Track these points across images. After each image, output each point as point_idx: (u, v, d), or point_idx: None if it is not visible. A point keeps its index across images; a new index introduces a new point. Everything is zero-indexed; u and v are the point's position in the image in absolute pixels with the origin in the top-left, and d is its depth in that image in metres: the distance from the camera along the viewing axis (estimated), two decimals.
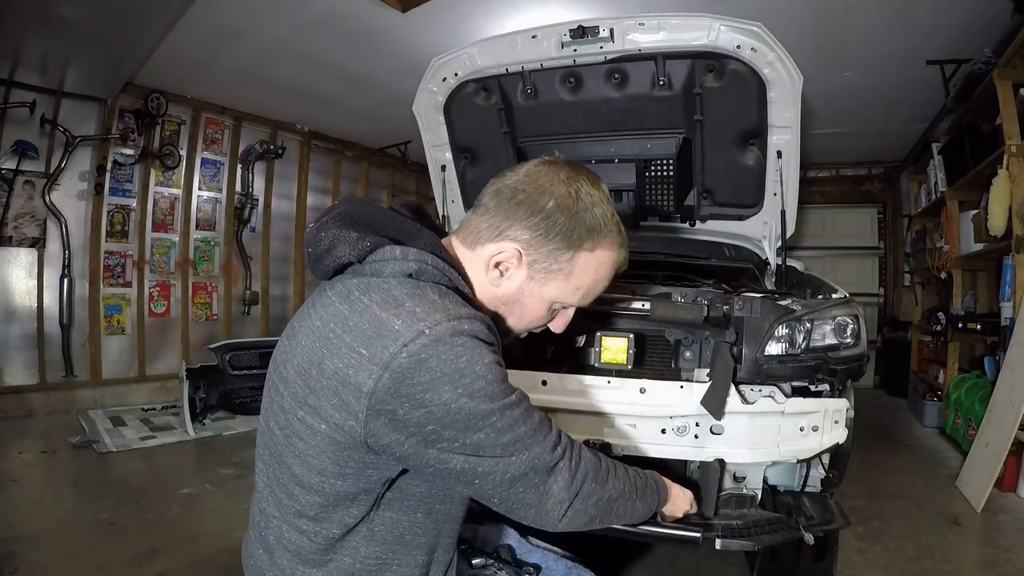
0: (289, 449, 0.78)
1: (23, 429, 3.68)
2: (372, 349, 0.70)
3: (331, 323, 0.74)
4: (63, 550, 2.15)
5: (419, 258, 0.77)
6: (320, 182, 6.01)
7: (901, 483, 3.07)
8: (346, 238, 0.78)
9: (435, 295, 0.75)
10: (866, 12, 3.11)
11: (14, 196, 3.97)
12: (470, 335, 0.73)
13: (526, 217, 0.83)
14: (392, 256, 0.77)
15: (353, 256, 0.77)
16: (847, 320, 1.63)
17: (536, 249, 0.85)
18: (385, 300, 0.73)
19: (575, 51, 2.09)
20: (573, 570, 1.14)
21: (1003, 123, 3.16)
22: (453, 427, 0.71)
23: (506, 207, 0.85)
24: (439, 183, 2.68)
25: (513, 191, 0.85)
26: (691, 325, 1.65)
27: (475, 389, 0.71)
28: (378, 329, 0.71)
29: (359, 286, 0.76)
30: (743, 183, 2.31)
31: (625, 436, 1.61)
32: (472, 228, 0.87)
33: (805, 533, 1.48)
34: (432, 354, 0.69)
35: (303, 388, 0.75)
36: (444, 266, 0.80)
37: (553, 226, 0.84)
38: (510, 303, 0.89)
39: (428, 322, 0.70)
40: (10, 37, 3.30)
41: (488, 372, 0.73)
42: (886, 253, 6.34)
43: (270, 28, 3.51)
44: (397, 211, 0.88)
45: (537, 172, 0.87)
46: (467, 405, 0.71)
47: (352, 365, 0.70)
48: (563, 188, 0.85)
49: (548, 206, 0.83)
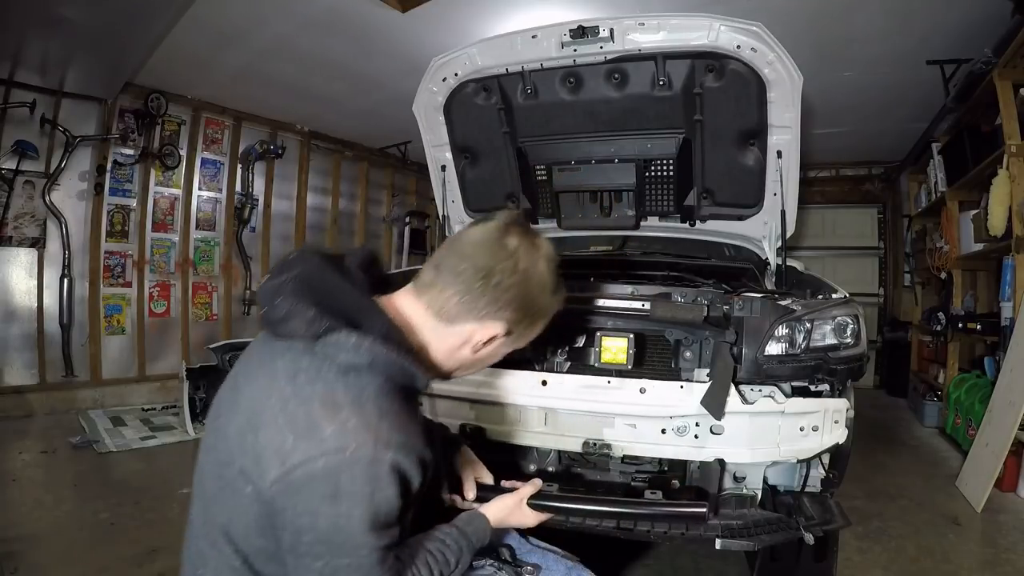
0: (218, 500, 0.81)
1: (23, 429, 3.67)
2: (298, 442, 0.73)
3: (273, 398, 0.77)
4: (63, 550, 2.15)
5: (371, 351, 0.78)
6: (320, 182, 6.01)
7: (901, 483, 3.07)
8: (302, 314, 0.78)
9: (373, 413, 0.76)
10: (866, 12, 3.12)
11: (14, 196, 3.97)
12: (390, 465, 0.75)
13: (515, 296, 0.87)
14: (347, 346, 0.77)
15: (308, 335, 0.78)
16: (847, 320, 1.63)
17: (521, 323, 0.91)
18: (327, 399, 0.76)
19: (575, 51, 2.09)
20: (573, 570, 1.14)
21: (1003, 123, 3.16)
22: (328, 543, 0.75)
23: (491, 289, 0.86)
24: (439, 183, 2.68)
25: (488, 271, 0.86)
26: (691, 325, 1.65)
27: (369, 515, 0.75)
28: (309, 427, 0.74)
29: (308, 370, 0.78)
30: (743, 183, 2.31)
31: (625, 436, 1.61)
32: (443, 301, 0.87)
33: (805, 533, 1.48)
34: (346, 471, 0.73)
35: (238, 449, 0.78)
36: (394, 358, 0.80)
37: (537, 304, 0.91)
38: (478, 361, 0.95)
39: (355, 441, 0.73)
40: (10, 37, 3.30)
41: (386, 503, 0.76)
42: (886, 253, 6.34)
43: (270, 28, 3.50)
44: (354, 279, 0.88)
45: (505, 247, 0.88)
46: (354, 527, 0.74)
47: (276, 447, 0.74)
48: (549, 270, 0.91)
49: (534, 292, 0.89)
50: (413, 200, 7.04)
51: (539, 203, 2.67)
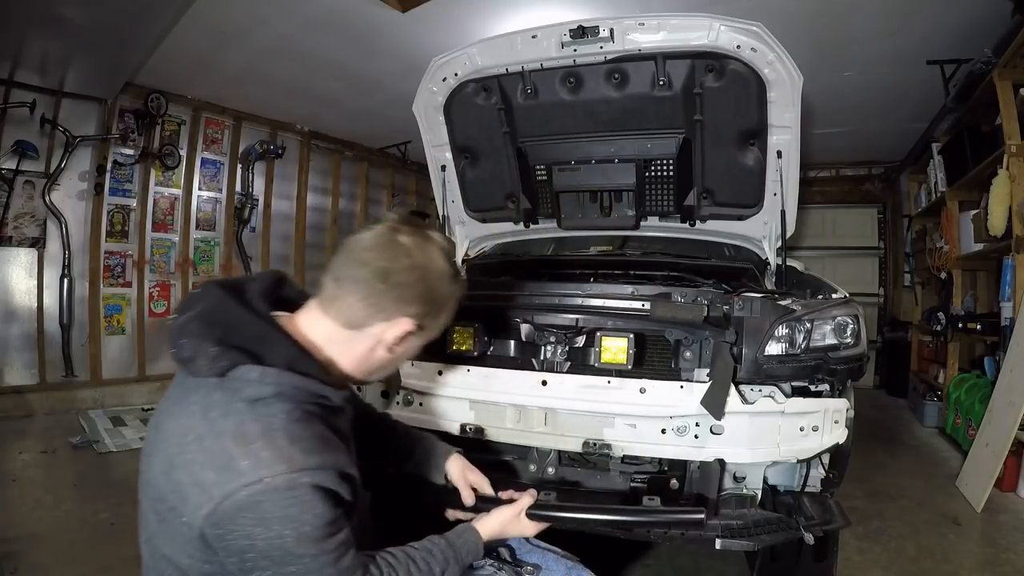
0: (160, 533, 0.84)
1: (23, 429, 3.67)
2: (219, 477, 0.76)
3: (188, 435, 0.80)
4: (63, 550, 2.15)
5: (276, 381, 0.81)
6: (320, 182, 6.01)
7: (901, 483, 3.07)
8: (205, 354, 0.81)
9: (284, 440, 0.79)
10: (866, 12, 3.12)
11: (14, 196, 3.97)
12: (308, 487, 0.78)
13: (418, 291, 0.90)
14: (251, 379, 0.81)
15: (212, 374, 0.81)
16: (847, 320, 1.63)
17: (427, 316, 0.94)
18: (238, 433, 0.78)
19: (575, 51, 2.09)
20: (573, 570, 1.14)
21: (1003, 123, 3.16)
22: (270, 558, 0.78)
23: (394, 288, 0.88)
24: (439, 183, 2.68)
25: (386, 272, 0.88)
26: (691, 325, 1.65)
27: (301, 533, 0.78)
28: (226, 461, 0.77)
29: (219, 405, 0.80)
30: (743, 183, 2.31)
31: (625, 436, 1.61)
32: (349, 309, 0.89)
33: (805, 533, 1.48)
34: (267, 498, 0.76)
35: (166, 487, 0.81)
36: (299, 382, 0.83)
37: (440, 296, 0.94)
38: (393, 361, 0.98)
39: (270, 471, 0.76)
40: (10, 37, 3.30)
41: (316, 519, 0.79)
42: (886, 253, 6.34)
43: (270, 28, 3.50)
44: (254, 306, 0.88)
45: (398, 246, 0.90)
46: (288, 544, 0.78)
47: (199, 483, 0.77)
48: (444, 261, 0.94)
49: (434, 285, 0.92)
50: (413, 200, 7.04)
51: (539, 203, 2.66)
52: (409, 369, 1.81)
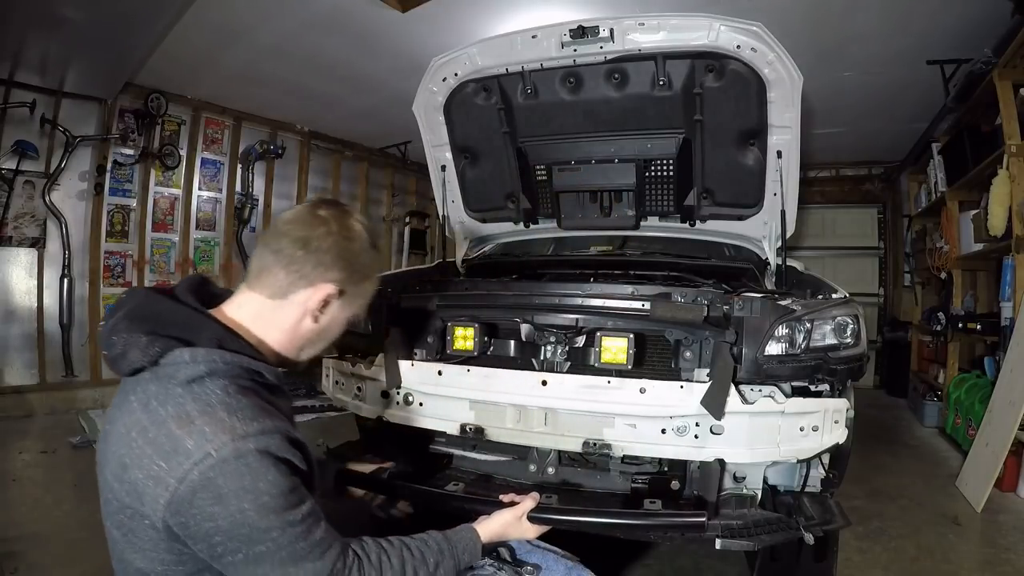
0: (128, 546, 0.83)
1: (23, 429, 3.67)
2: (169, 464, 0.77)
3: (133, 431, 0.80)
4: (63, 550, 2.14)
5: (207, 359, 0.83)
6: (320, 182, 6.01)
7: (901, 483, 3.07)
8: (136, 343, 0.82)
9: (223, 412, 0.80)
10: (866, 12, 3.12)
11: (14, 196, 3.97)
12: (255, 453, 0.78)
13: (337, 257, 0.93)
14: (183, 360, 0.82)
15: (145, 361, 0.82)
16: (847, 320, 1.63)
17: (350, 282, 0.96)
18: (179, 415, 0.79)
19: (575, 51, 2.09)
20: (573, 570, 1.14)
21: (1003, 123, 3.16)
22: (238, 539, 0.78)
23: (314, 254, 0.91)
24: (439, 183, 2.68)
25: (314, 239, 0.92)
26: (691, 325, 1.65)
27: (260, 504, 0.78)
28: (173, 446, 0.77)
29: (157, 395, 0.81)
30: (743, 183, 2.31)
31: (625, 436, 1.61)
32: (272, 281, 0.92)
33: (805, 533, 1.48)
34: (219, 473, 0.76)
35: (122, 491, 0.81)
36: (230, 357, 0.85)
37: (358, 261, 0.96)
38: (321, 333, 0.99)
39: (214, 444, 0.77)
40: (10, 37, 3.30)
41: (272, 488, 0.79)
42: (886, 253, 6.34)
43: (270, 28, 3.50)
44: (180, 300, 0.91)
45: (316, 217, 0.94)
46: (251, 518, 0.77)
47: (152, 476, 0.77)
48: (360, 228, 0.97)
49: (355, 248, 0.95)
50: (413, 200, 7.04)
51: (539, 203, 2.67)
52: (409, 369, 1.81)
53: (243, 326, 0.92)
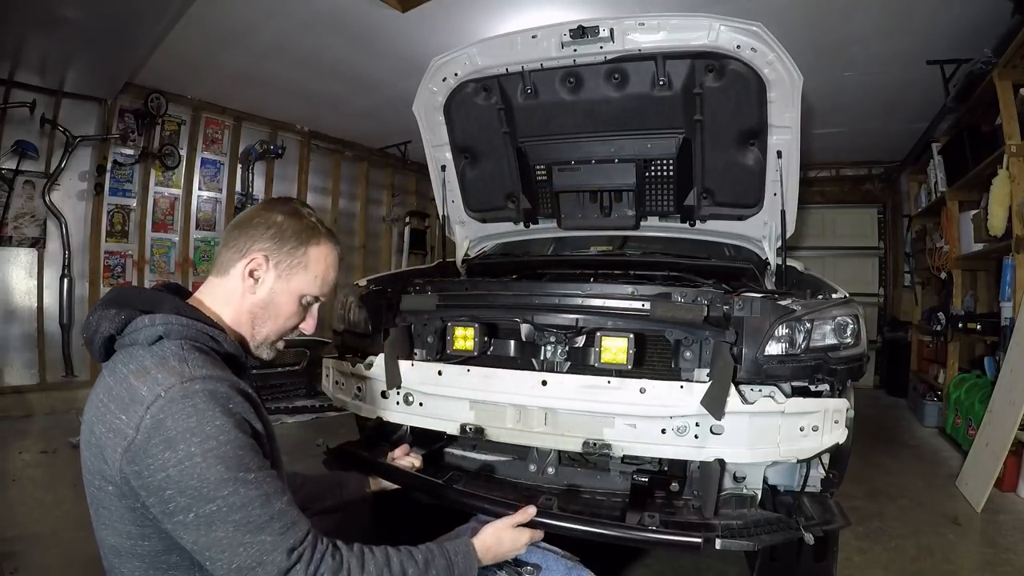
0: (99, 522, 0.87)
1: (23, 429, 3.67)
2: (128, 414, 0.80)
3: (102, 395, 0.85)
4: (63, 550, 2.14)
5: (164, 321, 0.90)
6: (320, 182, 6.01)
7: (901, 483, 3.07)
8: (106, 315, 0.91)
9: (175, 361, 0.85)
10: (866, 12, 3.12)
11: (14, 196, 3.97)
12: (203, 394, 0.81)
13: (264, 230, 1.01)
14: (143, 324, 0.89)
15: (113, 329, 0.90)
16: (847, 320, 1.63)
17: (279, 251, 1.01)
18: (138, 369, 0.84)
19: (575, 51, 2.09)
20: (573, 570, 1.14)
21: (1003, 123, 3.16)
22: (188, 494, 0.77)
23: (246, 231, 1.02)
24: (439, 183, 2.68)
25: (247, 220, 1.04)
26: (691, 325, 1.65)
27: (207, 449, 0.78)
28: (131, 395, 0.82)
29: (122, 359, 0.88)
30: (743, 183, 2.31)
31: (625, 436, 1.61)
32: (221, 260, 1.04)
33: (805, 533, 1.48)
34: (168, 413, 0.79)
35: (91, 459, 0.85)
36: (186, 321, 0.92)
37: (286, 231, 1.02)
38: (266, 306, 1.03)
39: (164, 385, 0.81)
40: (10, 37, 3.30)
41: (220, 433, 0.80)
42: (886, 253, 6.34)
43: (270, 28, 3.50)
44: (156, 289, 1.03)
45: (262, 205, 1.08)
46: (199, 466, 0.77)
47: (113, 428, 0.81)
48: (286, 207, 1.06)
49: (278, 219, 1.02)
50: (413, 200, 7.04)
51: (539, 203, 2.66)
52: (409, 369, 1.82)
53: (202, 303, 1.01)
